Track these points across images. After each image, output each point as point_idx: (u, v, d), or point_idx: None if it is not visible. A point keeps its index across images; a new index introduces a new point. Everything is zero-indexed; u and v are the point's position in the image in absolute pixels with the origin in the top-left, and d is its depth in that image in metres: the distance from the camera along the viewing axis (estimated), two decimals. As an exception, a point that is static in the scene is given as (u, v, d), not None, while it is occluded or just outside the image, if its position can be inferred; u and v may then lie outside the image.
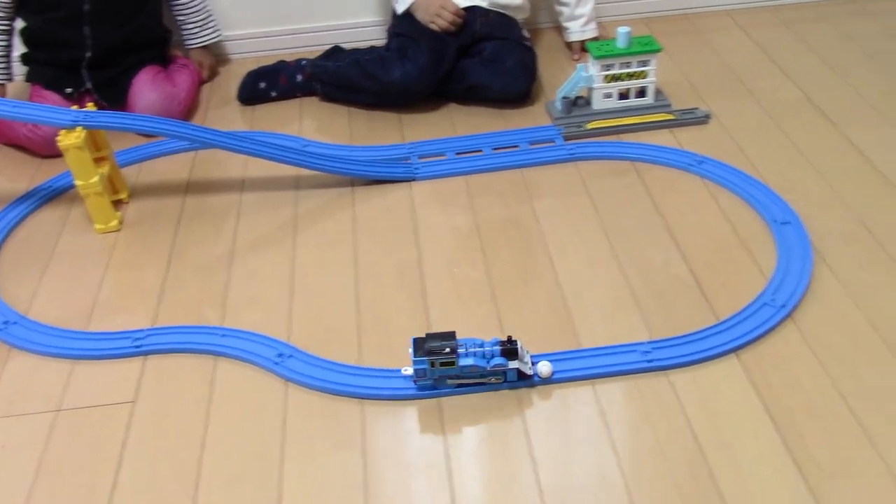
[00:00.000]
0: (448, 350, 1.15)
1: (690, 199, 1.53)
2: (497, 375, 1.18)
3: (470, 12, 1.85)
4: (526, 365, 1.18)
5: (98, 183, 1.51)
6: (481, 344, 1.18)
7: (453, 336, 1.17)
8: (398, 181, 1.63)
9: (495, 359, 1.16)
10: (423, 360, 1.16)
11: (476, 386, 1.19)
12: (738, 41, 2.06)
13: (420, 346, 1.16)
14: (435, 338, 1.17)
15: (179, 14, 1.99)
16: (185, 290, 1.42)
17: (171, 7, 1.98)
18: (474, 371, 1.17)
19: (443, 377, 1.18)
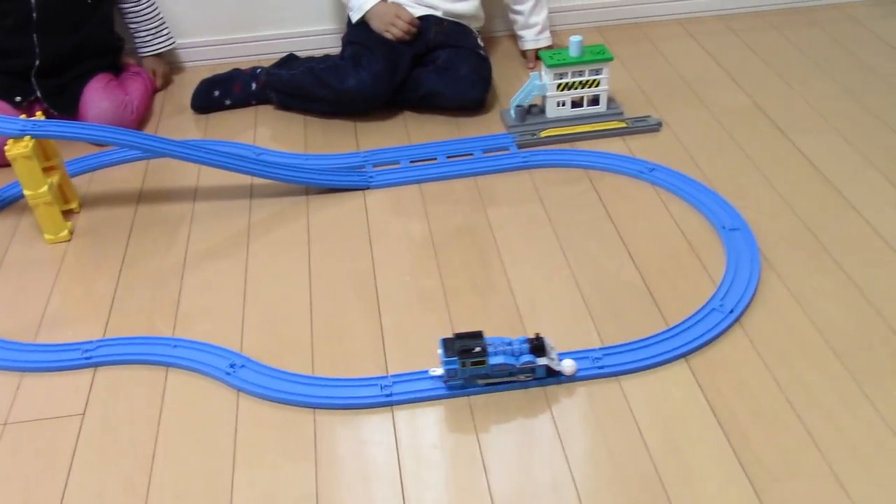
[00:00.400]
0: (478, 349, 1.16)
1: (642, 206, 1.55)
2: (526, 373, 1.19)
3: (424, 21, 1.86)
4: (554, 361, 1.19)
5: (47, 193, 1.49)
6: (509, 342, 1.19)
7: (481, 335, 1.19)
8: (353, 190, 1.63)
9: (524, 356, 1.18)
10: (454, 360, 1.17)
11: (505, 384, 1.20)
12: (689, 49, 2.09)
13: (450, 347, 1.18)
14: (463, 338, 1.18)
15: (132, 22, 1.97)
16: (137, 301, 1.41)
17: (123, 15, 1.96)
18: (503, 369, 1.18)
19: (473, 376, 1.19)
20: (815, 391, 1.17)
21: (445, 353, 1.17)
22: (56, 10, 1.78)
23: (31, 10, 1.75)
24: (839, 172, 1.61)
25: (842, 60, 2.00)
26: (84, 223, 1.59)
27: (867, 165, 1.62)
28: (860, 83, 1.90)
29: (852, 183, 1.57)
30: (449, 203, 1.59)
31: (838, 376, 1.19)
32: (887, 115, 1.77)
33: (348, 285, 1.41)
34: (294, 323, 1.34)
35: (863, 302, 1.31)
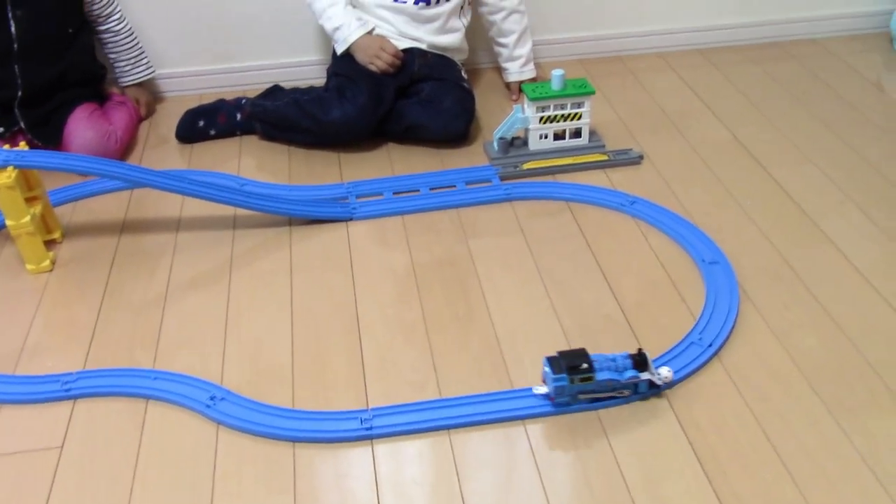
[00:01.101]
0: (585, 366, 1.19)
1: (622, 238, 1.56)
2: (628, 388, 1.22)
3: (408, 53, 1.88)
4: (655, 375, 1.21)
5: (29, 223, 1.49)
6: (613, 359, 1.22)
7: (585, 353, 1.22)
8: (336, 221, 1.63)
9: (628, 371, 1.21)
10: (563, 377, 1.19)
11: (609, 400, 1.22)
12: (670, 82, 2.12)
13: (557, 364, 1.20)
14: (567, 356, 1.21)
15: (111, 52, 1.98)
16: (118, 332, 1.40)
17: (102, 45, 1.96)
18: (608, 385, 1.21)
19: (579, 393, 1.21)
20: (793, 425, 1.18)
21: (553, 370, 1.20)
22: (37, 40, 1.78)
23: (12, 41, 1.76)
24: (817, 206, 1.63)
25: (820, 94, 2.03)
26: (67, 253, 1.59)
27: (844, 199, 1.64)
28: (838, 117, 1.93)
29: (830, 216, 1.59)
30: (431, 235, 1.60)
31: (815, 410, 1.20)
32: (865, 149, 1.80)
33: (330, 317, 1.41)
34: (275, 355, 1.34)
35: (840, 335, 1.33)
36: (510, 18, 1.99)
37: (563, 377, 1.19)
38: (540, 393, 1.23)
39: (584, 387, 1.20)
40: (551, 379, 1.19)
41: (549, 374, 1.20)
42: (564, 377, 1.19)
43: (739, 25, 2.26)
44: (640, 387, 1.22)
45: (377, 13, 1.89)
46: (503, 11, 1.98)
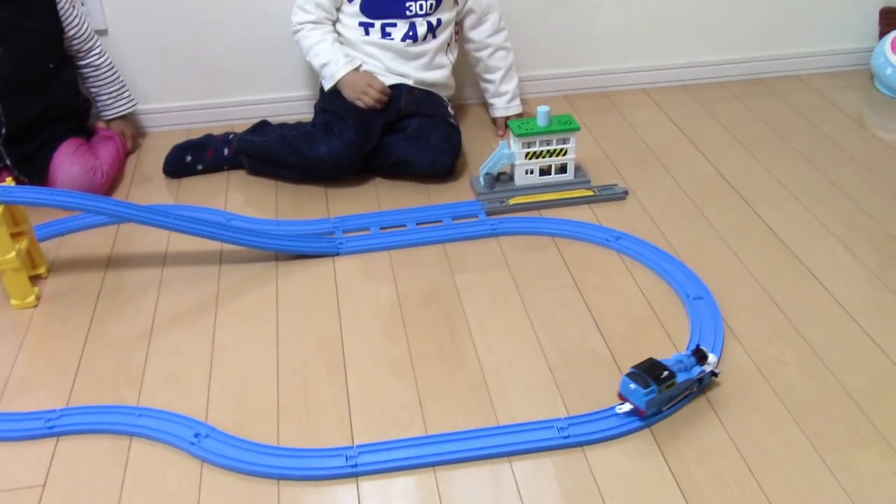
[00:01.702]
0: (667, 373, 1.23)
1: (608, 274, 1.57)
2: (695, 384, 1.27)
3: (395, 89, 1.89)
4: (714, 364, 1.28)
5: (15, 259, 1.49)
6: (680, 360, 1.26)
7: (656, 362, 1.25)
8: (323, 256, 1.64)
9: (695, 368, 1.26)
10: (654, 388, 1.22)
11: (681, 401, 1.27)
12: (655, 118, 2.14)
13: (641, 379, 1.23)
14: (645, 368, 1.24)
15: (92, 86, 1.98)
16: (102, 368, 1.40)
17: (83, 79, 1.97)
18: (685, 385, 1.26)
19: (665, 401, 1.25)
20: (778, 462, 1.18)
21: (641, 385, 1.22)
22: (17, 77, 1.78)
23: None
24: (800, 241, 1.64)
25: (803, 130, 2.06)
26: (52, 288, 1.59)
27: (827, 234, 1.66)
28: (820, 153, 1.95)
29: (813, 252, 1.61)
30: (418, 270, 1.60)
31: (800, 446, 1.21)
32: (847, 186, 1.82)
33: (316, 353, 1.41)
34: (260, 391, 1.34)
35: (824, 371, 1.33)
36: (496, 55, 2.02)
37: (654, 388, 1.22)
38: (625, 411, 1.25)
39: (669, 393, 1.24)
40: (642, 394, 1.22)
41: (638, 390, 1.22)
42: (655, 388, 1.22)
43: (723, 62, 2.29)
44: (704, 380, 1.28)
45: (365, 49, 1.91)
46: (489, 48, 2.01)
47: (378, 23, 1.89)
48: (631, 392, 1.24)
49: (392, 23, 1.89)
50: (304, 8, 1.91)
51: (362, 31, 1.90)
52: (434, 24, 1.91)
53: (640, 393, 1.22)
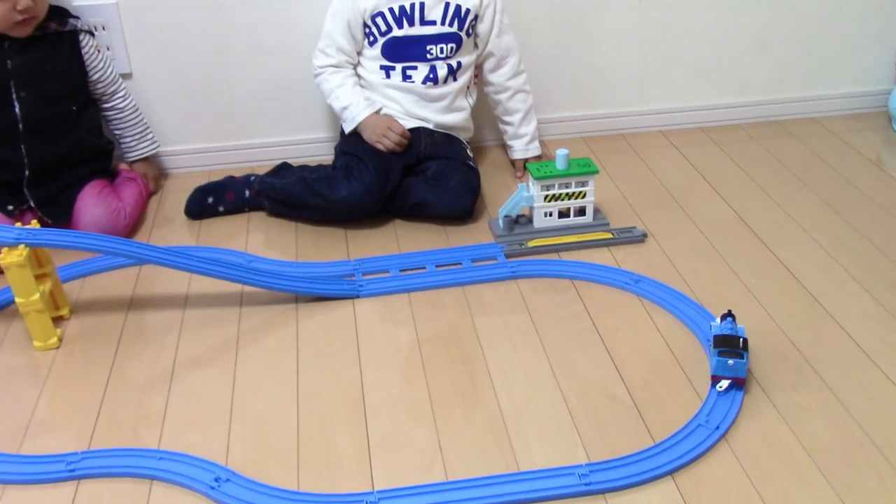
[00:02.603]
0: (742, 339, 1.38)
1: (627, 317, 1.57)
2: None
3: (415, 132, 1.91)
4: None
5: (39, 300, 1.50)
6: (730, 326, 1.41)
7: (722, 335, 1.39)
8: (342, 298, 1.64)
9: (739, 328, 1.41)
10: (745, 354, 1.36)
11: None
12: (672, 160, 2.15)
13: (734, 353, 1.36)
14: (727, 346, 1.37)
15: (116, 128, 2.01)
16: (123, 410, 1.40)
17: (107, 121, 2.00)
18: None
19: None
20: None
21: (738, 357, 1.35)
22: (41, 119, 1.81)
23: (17, 122, 1.79)
24: (821, 285, 1.64)
25: (821, 173, 2.06)
26: (74, 330, 1.60)
27: (847, 278, 1.66)
28: (839, 196, 1.95)
29: (834, 296, 1.60)
30: (437, 313, 1.60)
31: (823, 495, 1.19)
32: (866, 229, 1.81)
33: (336, 396, 1.41)
34: (280, 435, 1.34)
35: (847, 418, 1.32)
36: (515, 98, 2.04)
37: (746, 355, 1.36)
38: (725, 387, 1.35)
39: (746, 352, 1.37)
40: (742, 364, 1.35)
41: (738, 363, 1.34)
42: (746, 354, 1.36)
43: (739, 104, 2.30)
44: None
45: (385, 93, 1.94)
46: (509, 91, 2.03)
47: (399, 66, 1.92)
48: (731, 368, 1.34)
49: (413, 66, 1.91)
50: (326, 52, 1.94)
51: (383, 74, 1.93)
52: (454, 67, 1.93)
53: (741, 364, 1.34)
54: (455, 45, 1.92)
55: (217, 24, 2.02)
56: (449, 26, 1.91)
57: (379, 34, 1.91)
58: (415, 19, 1.89)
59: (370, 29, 1.91)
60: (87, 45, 1.87)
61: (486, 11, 1.94)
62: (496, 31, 1.96)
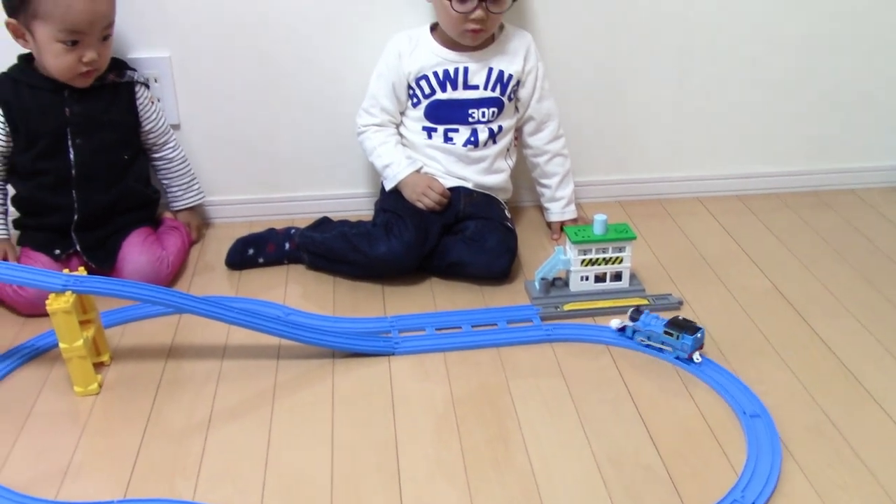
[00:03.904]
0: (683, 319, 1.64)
1: (662, 385, 1.57)
2: None
3: (455, 192, 1.94)
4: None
5: (82, 347, 1.53)
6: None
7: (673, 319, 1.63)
8: (378, 355, 1.66)
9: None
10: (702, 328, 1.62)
11: None
12: (708, 227, 2.16)
13: (689, 327, 1.62)
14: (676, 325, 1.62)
15: (164, 178, 2.06)
16: (160, 459, 1.42)
17: (156, 171, 2.05)
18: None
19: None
20: None
21: (694, 333, 1.59)
22: (94, 167, 1.86)
23: (71, 168, 1.84)
24: (858, 360, 1.63)
25: (857, 245, 2.06)
26: (114, 376, 1.62)
27: (885, 354, 1.65)
28: (876, 269, 1.95)
29: (871, 372, 1.60)
30: (472, 373, 1.61)
31: (862, 578, 1.18)
32: (904, 304, 1.81)
33: (370, 454, 1.42)
34: (314, 491, 1.34)
35: (885, 498, 1.31)
36: (554, 161, 2.06)
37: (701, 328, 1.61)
38: (699, 360, 1.60)
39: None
40: (703, 331, 1.62)
41: (701, 331, 1.61)
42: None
43: (776, 174, 2.32)
44: None
45: (427, 152, 1.97)
46: (547, 154, 2.06)
47: (441, 128, 1.96)
48: (698, 339, 1.60)
49: (454, 128, 1.95)
50: (370, 111, 1.98)
51: (425, 135, 1.97)
52: (495, 131, 1.97)
53: (703, 332, 1.60)
54: (497, 109, 1.96)
55: (264, 80, 2.07)
56: (491, 91, 1.95)
57: (422, 96, 1.95)
58: (458, 83, 1.94)
59: (414, 91, 1.95)
60: (142, 97, 1.93)
61: (528, 77, 1.98)
62: (537, 96, 2.00)
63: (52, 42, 1.74)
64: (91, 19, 1.74)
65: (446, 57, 1.94)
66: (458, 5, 1.83)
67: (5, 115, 1.81)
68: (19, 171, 1.87)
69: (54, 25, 1.72)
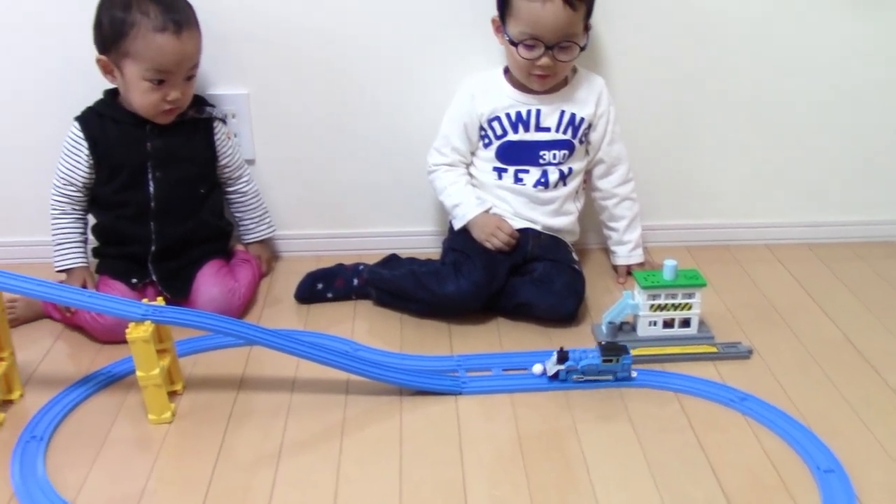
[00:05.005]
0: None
1: (733, 436, 1.55)
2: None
3: (523, 233, 1.95)
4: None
5: (158, 375, 1.57)
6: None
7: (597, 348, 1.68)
8: (446, 394, 1.66)
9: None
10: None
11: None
12: (777, 276, 2.13)
13: (619, 348, 1.67)
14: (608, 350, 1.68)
15: (237, 211, 2.11)
16: (231, 490, 1.43)
17: (230, 204, 2.10)
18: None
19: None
20: None
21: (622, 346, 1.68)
22: (172, 199, 1.92)
23: (150, 201, 1.90)
24: (935, 418, 1.59)
25: (933, 299, 2.02)
26: (186, 405, 1.65)
27: (964, 413, 1.61)
28: (952, 323, 1.91)
29: (950, 431, 1.56)
30: (539, 416, 1.61)
31: None
32: (983, 361, 1.77)
33: (438, 493, 1.42)
34: (383, 529, 1.35)
35: (966, 563, 1.27)
36: (622, 205, 2.07)
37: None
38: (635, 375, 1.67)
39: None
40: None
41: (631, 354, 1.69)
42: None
43: (847, 223, 2.29)
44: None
45: (496, 193, 1.99)
46: (616, 198, 2.06)
47: (511, 168, 1.97)
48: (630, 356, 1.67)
49: (525, 169, 1.97)
50: (441, 151, 2.01)
51: (495, 176, 1.99)
52: (565, 173, 1.98)
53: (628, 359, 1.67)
54: (567, 151, 1.97)
55: (337, 118, 2.12)
56: (563, 133, 1.96)
57: (494, 137, 1.97)
58: (530, 125, 1.96)
59: (486, 132, 1.98)
60: (220, 133, 1.98)
61: (599, 121, 1.99)
62: (608, 139, 2.01)
63: (140, 80, 1.80)
64: (179, 60, 1.80)
65: (519, 99, 1.96)
66: (525, 52, 1.86)
67: (90, 149, 1.87)
68: (100, 201, 1.93)
69: (143, 65, 1.78)
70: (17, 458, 1.49)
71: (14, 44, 1.99)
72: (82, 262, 1.93)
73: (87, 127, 1.88)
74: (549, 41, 1.83)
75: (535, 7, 1.81)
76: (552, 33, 1.82)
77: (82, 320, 1.83)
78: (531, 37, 1.83)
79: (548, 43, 1.83)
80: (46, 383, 1.70)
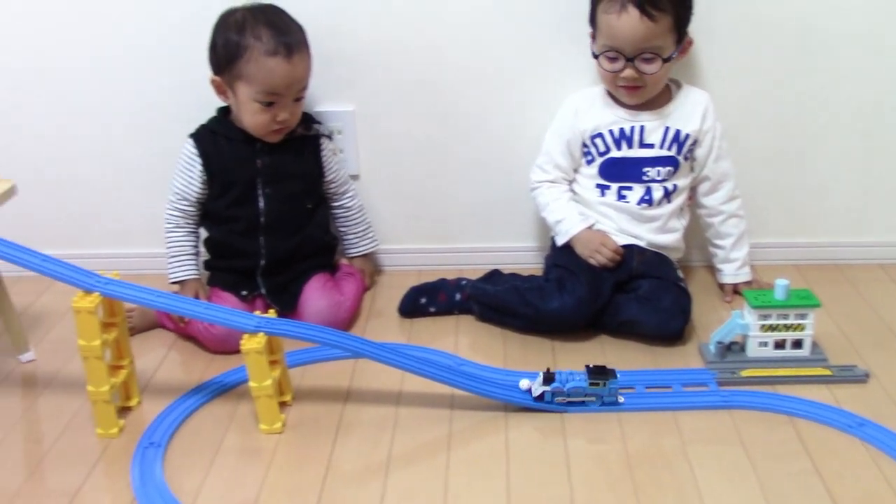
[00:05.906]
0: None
1: (851, 463, 1.50)
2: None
3: (627, 250, 1.93)
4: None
5: (270, 386, 1.60)
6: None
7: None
8: (551, 412, 1.66)
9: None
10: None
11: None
12: (892, 296, 2.06)
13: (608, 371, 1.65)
14: (595, 373, 1.65)
15: (342, 225, 2.14)
16: (341, 501, 1.45)
17: (335, 218, 2.14)
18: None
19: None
20: None
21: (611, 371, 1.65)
22: (281, 214, 1.96)
23: (260, 216, 1.95)
24: None
25: None
26: (295, 416, 1.68)
27: None
28: None
29: None
30: (647, 436, 1.59)
31: None
32: None
33: (546, 512, 1.41)
34: (492, 546, 1.35)
35: None
36: (729, 222, 2.03)
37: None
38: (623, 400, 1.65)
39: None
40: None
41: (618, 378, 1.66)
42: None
43: (965, 242, 2.20)
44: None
45: (599, 209, 1.98)
46: (722, 215, 2.02)
47: (615, 185, 1.96)
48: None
49: (628, 186, 1.95)
50: (544, 168, 2.01)
51: (598, 193, 1.97)
52: (669, 190, 1.95)
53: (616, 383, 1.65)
54: (672, 168, 1.94)
55: (440, 135, 2.14)
56: (667, 150, 1.94)
57: (597, 154, 1.96)
58: (634, 142, 1.94)
59: (589, 149, 1.97)
60: (326, 149, 2.03)
61: (705, 137, 1.96)
62: (714, 156, 1.98)
63: (251, 101, 1.85)
64: (289, 83, 1.85)
65: (622, 115, 1.95)
66: (607, 64, 1.86)
67: (204, 165, 1.94)
68: (212, 216, 1.99)
69: (255, 87, 1.83)
70: (137, 463, 1.54)
71: (137, 65, 2.08)
72: (195, 275, 1.99)
73: (201, 144, 1.95)
74: (629, 53, 1.83)
75: (611, 19, 1.81)
76: (630, 45, 1.82)
77: (195, 331, 1.89)
78: (611, 48, 1.84)
79: (627, 54, 1.83)
80: (161, 391, 1.76)
